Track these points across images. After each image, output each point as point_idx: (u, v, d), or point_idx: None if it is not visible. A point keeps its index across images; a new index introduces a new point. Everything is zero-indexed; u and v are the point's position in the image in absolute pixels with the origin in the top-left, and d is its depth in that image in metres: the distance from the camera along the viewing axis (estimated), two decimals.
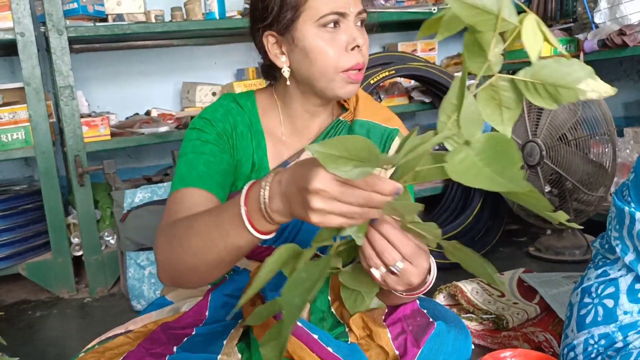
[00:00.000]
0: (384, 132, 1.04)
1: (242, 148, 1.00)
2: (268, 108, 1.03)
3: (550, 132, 1.97)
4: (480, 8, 0.52)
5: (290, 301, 0.64)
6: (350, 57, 0.91)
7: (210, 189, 0.91)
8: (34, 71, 1.89)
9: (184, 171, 0.93)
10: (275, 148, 1.02)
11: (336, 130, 1.04)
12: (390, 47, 2.86)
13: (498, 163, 0.55)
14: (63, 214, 1.99)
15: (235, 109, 1.00)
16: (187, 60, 2.64)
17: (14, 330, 1.76)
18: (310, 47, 0.91)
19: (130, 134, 2.09)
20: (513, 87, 0.58)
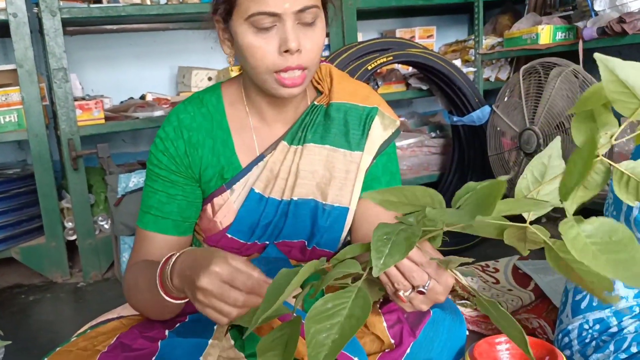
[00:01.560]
0: (363, 112, 0.99)
1: (201, 158, 0.96)
2: (235, 100, 0.99)
3: (547, 120, 1.96)
4: (629, 89, 0.48)
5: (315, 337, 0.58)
6: (282, 60, 0.84)
7: (166, 231, 0.96)
8: (27, 53, 1.86)
9: (143, 207, 0.99)
10: (245, 142, 0.98)
11: (312, 116, 0.98)
12: (388, 34, 2.84)
13: (614, 254, 0.52)
14: (56, 198, 1.97)
15: (187, 118, 0.96)
16: (182, 44, 2.61)
17: (7, 314, 1.75)
18: (242, 45, 0.85)
19: (124, 118, 2.07)
20: (604, 171, 0.55)
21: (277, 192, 0.98)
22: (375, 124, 0.99)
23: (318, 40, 0.87)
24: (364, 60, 2.15)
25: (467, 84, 2.33)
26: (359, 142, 0.99)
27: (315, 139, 0.98)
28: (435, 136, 2.61)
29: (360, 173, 0.99)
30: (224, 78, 2.33)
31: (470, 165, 2.43)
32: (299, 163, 0.97)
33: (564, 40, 2.29)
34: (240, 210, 0.97)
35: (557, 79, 1.94)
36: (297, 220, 0.99)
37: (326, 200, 0.98)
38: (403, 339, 0.90)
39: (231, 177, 0.97)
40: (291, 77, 0.86)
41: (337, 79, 1.01)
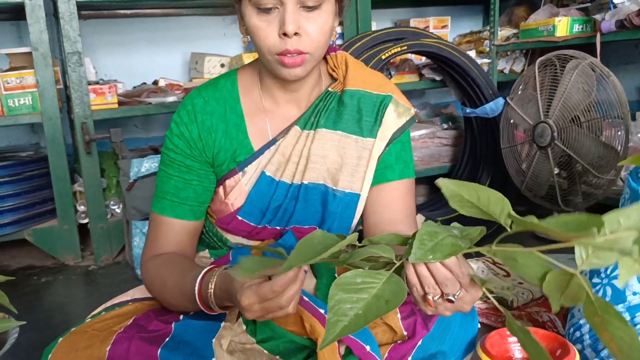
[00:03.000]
0: (376, 100, 0.99)
1: (215, 141, 0.98)
2: (249, 85, 1.00)
3: (562, 113, 1.94)
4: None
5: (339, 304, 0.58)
6: (281, 42, 0.85)
7: (184, 216, 0.98)
8: (42, 36, 1.86)
9: (158, 193, 1.00)
10: (258, 126, 0.99)
11: (325, 102, 0.99)
12: (402, 23, 2.81)
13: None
14: (69, 181, 1.99)
15: (201, 102, 0.97)
16: (195, 30, 2.61)
17: (20, 295, 1.77)
18: (248, 26, 0.88)
19: (137, 103, 2.07)
20: None
21: (287, 175, 0.98)
22: (389, 111, 0.99)
23: (321, 25, 0.87)
24: (377, 49, 2.13)
25: (481, 75, 2.31)
26: (371, 129, 0.99)
27: (327, 124, 0.98)
28: (448, 128, 2.60)
29: (372, 160, 0.99)
30: (236, 65, 2.32)
31: (482, 157, 2.41)
32: (310, 147, 0.98)
33: (581, 33, 2.26)
34: (251, 193, 0.98)
35: (574, 72, 1.91)
36: (307, 205, 1.00)
37: (337, 186, 0.99)
38: (416, 331, 0.90)
39: (243, 160, 0.98)
40: (291, 57, 0.87)
41: (352, 67, 1.01)
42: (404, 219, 1.00)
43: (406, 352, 0.89)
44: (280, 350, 0.88)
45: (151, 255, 0.98)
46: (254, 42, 0.89)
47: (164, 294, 0.94)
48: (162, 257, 0.96)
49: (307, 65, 0.89)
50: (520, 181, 2.14)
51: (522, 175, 2.13)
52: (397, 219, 0.99)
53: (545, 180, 2.05)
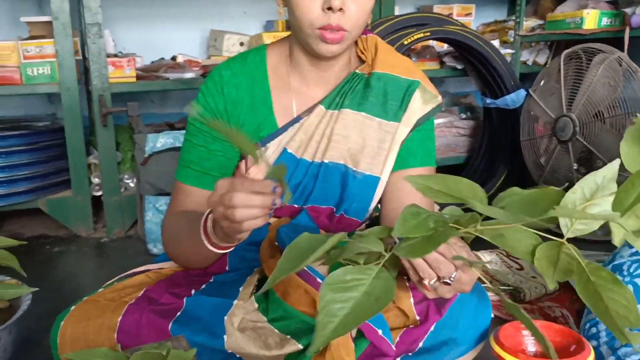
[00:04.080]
0: (404, 84, 0.99)
1: (239, 115, 0.98)
2: (278, 61, 1.00)
3: (586, 107, 1.90)
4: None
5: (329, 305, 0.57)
6: (324, 16, 0.86)
7: (208, 186, 0.97)
8: (63, 5, 1.85)
9: (183, 161, 0.99)
10: (283, 102, 0.99)
11: (352, 83, 0.99)
12: (425, 9, 2.76)
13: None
14: (84, 153, 1.99)
15: (228, 74, 0.97)
16: (216, 7, 2.58)
17: (32, 263, 1.79)
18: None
19: (155, 78, 2.06)
20: None
21: (309, 153, 0.98)
22: (415, 96, 0.98)
23: (364, 5, 0.88)
24: (400, 34, 2.10)
25: (504, 65, 2.27)
26: (396, 113, 0.98)
27: (352, 105, 0.98)
28: (466, 117, 2.56)
29: (394, 144, 0.98)
30: (256, 44, 2.30)
31: (499, 149, 2.38)
32: (333, 127, 0.98)
33: (609, 27, 2.20)
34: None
35: (600, 66, 1.87)
36: (326, 184, 0.99)
37: (357, 167, 0.98)
38: (429, 316, 0.89)
39: (267, 135, 0.98)
40: (331, 33, 0.87)
41: (381, 51, 1.01)
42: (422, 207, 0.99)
43: (418, 337, 0.88)
44: (291, 330, 0.88)
45: (169, 215, 1.00)
46: (295, 14, 0.88)
47: (179, 245, 0.94)
48: (180, 211, 0.98)
49: (344, 44, 0.90)
50: (538, 175, 2.11)
51: (541, 169, 2.10)
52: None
53: (564, 175, 2.01)
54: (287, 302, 0.86)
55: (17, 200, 1.94)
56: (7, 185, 1.92)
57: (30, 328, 1.21)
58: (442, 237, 0.59)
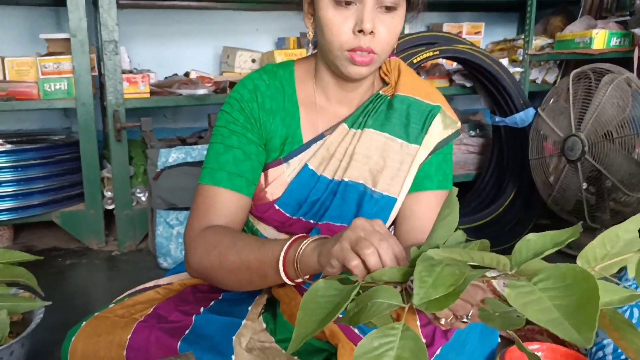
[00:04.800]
0: (425, 108, 1.00)
1: (271, 124, 0.99)
2: (305, 77, 1.02)
3: (595, 127, 1.91)
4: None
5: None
6: (354, 39, 0.87)
7: (240, 190, 0.94)
8: (81, 23, 1.90)
9: (214, 165, 0.95)
10: (310, 118, 1.01)
11: (375, 104, 1.00)
12: (435, 27, 2.79)
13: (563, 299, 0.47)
14: (98, 167, 2.03)
15: (263, 85, 0.98)
16: (228, 24, 2.63)
17: (44, 275, 1.82)
18: (322, 19, 0.88)
19: (168, 94, 2.10)
20: None
21: (329, 171, 0.99)
22: (436, 121, 1.00)
23: (394, 29, 0.89)
24: (410, 52, 2.12)
25: (513, 84, 2.28)
26: (417, 136, 0.99)
27: (375, 125, 0.99)
28: (475, 135, 2.57)
29: (413, 166, 0.99)
30: (268, 61, 2.33)
31: (508, 167, 2.38)
32: (355, 146, 0.98)
33: (618, 47, 2.21)
34: (292, 183, 0.99)
35: (609, 86, 1.88)
36: (343, 202, 1.00)
37: (375, 187, 0.99)
38: (435, 339, 0.89)
39: (290, 151, 0.99)
40: (361, 55, 0.88)
41: (404, 73, 1.02)
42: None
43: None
44: (299, 351, 0.88)
45: (204, 225, 0.94)
46: (325, 36, 0.89)
47: (228, 257, 0.86)
48: (224, 226, 0.93)
49: (373, 66, 0.91)
50: (547, 194, 2.11)
51: (550, 188, 2.10)
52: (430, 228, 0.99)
53: (573, 194, 2.01)
54: (294, 324, 0.87)
55: (32, 213, 1.98)
56: (22, 198, 1.96)
57: (42, 341, 1.23)
58: (462, 288, 0.58)
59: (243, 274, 0.87)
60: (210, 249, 0.89)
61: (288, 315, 0.89)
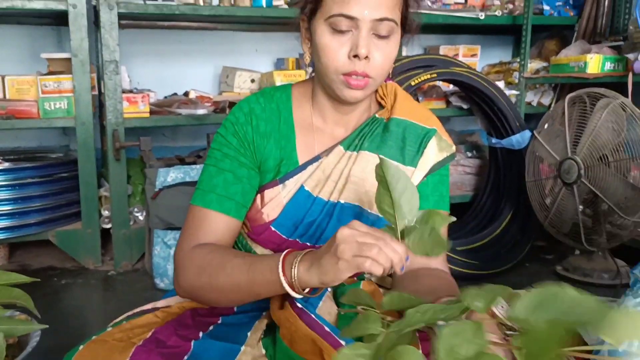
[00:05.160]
0: (421, 131, 1.02)
1: (265, 147, 1.00)
2: (302, 100, 1.03)
3: (590, 151, 1.93)
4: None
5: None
6: (350, 64, 0.89)
7: (229, 212, 0.96)
8: (82, 43, 1.92)
9: (205, 187, 0.97)
10: (306, 140, 1.02)
11: (371, 127, 1.02)
12: (432, 50, 2.83)
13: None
14: (96, 186, 2.03)
15: (258, 108, 1.00)
16: (228, 45, 2.65)
17: (39, 295, 1.80)
18: (318, 44, 0.91)
19: (168, 113, 2.11)
20: None
21: (325, 192, 1.00)
22: (431, 144, 1.01)
23: (388, 54, 0.91)
24: (407, 75, 2.15)
25: (509, 106, 2.31)
26: (413, 159, 1.01)
27: (371, 147, 1.01)
28: (472, 156, 2.59)
29: None
30: (267, 81, 2.35)
31: (505, 189, 2.40)
32: (351, 168, 1.00)
33: (612, 71, 2.25)
34: (288, 205, 0.99)
35: (604, 110, 1.90)
36: (340, 224, 1.00)
37: (372, 209, 1.00)
38: None
39: (286, 172, 1.00)
40: (356, 79, 0.90)
41: (400, 97, 1.04)
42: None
43: None
44: None
45: (194, 244, 0.95)
46: (322, 60, 0.91)
47: (218, 278, 0.89)
48: (213, 244, 0.94)
49: (368, 90, 0.93)
50: (544, 216, 2.12)
51: (546, 210, 2.11)
52: None
53: (569, 217, 2.02)
54: (294, 350, 0.87)
55: (28, 232, 1.97)
56: (19, 216, 1.95)
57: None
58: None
59: (235, 294, 0.89)
60: (200, 270, 0.90)
61: (288, 341, 0.89)
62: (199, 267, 0.91)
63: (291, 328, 0.94)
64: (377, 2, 0.87)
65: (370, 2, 0.87)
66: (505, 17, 2.56)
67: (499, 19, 2.55)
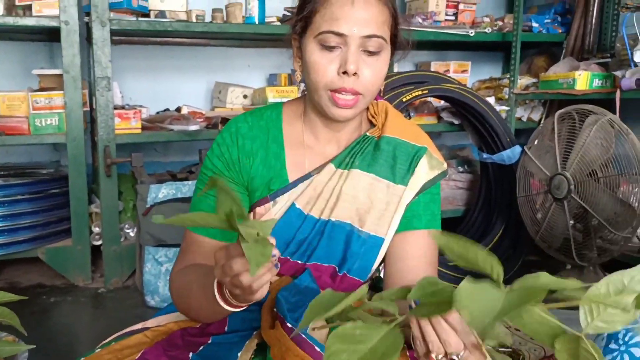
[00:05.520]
0: (412, 149, 1.02)
1: (251, 167, 1.00)
2: (293, 118, 1.04)
3: (580, 167, 1.95)
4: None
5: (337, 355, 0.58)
6: (339, 80, 0.90)
7: (215, 236, 0.97)
8: (74, 60, 1.92)
9: (193, 210, 0.99)
10: (296, 158, 1.02)
11: (362, 145, 1.02)
12: (423, 66, 2.85)
13: None
14: (87, 202, 2.01)
15: (245, 127, 1.00)
16: (221, 60, 2.67)
17: (27, 313, 1.78)
18: (308, 61, 0.92)
19: (160, 129, 2.11)
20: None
21: (316, 210, 1.00)
22: (422, 162, 1.01)
23: (377, 71, 0.92)
24: (398, 91, 2.16)
25: (500, 122, 2.33)
26: (403, 177, 1.01)
27: (362, 165, 1.01)
28: (463, 171, 2.60)
29: (400, 207, 1.00)
30: (259, 97, 2.36)
31: (496, 204, 2.41)
32: (342, 186, 1.00)
33: (600, 88, 2.28)
34: (279, 222, 0.99)
35: (593, 127, 1.92)
36: (331, 242, 1.00)
37: (363, 227, 1.00)
38: None
39: (277, 189, 1.00)
40: (344, 99, 0.90)
41: (391, 116, 1.05)
42: (426, 268, 1.00)
43: None
44: None
45: (179, 268, 0.99)
46: (311, 77, 0.92)
47: (189, 300, 0.93)
48: (190, 265, 0.97)
49: (358, 108, 0.93)
50: (535, 231, 2.13)
51: (537, 225, 2.12)
52: (419, 267, 0.99)
53: (560, 232, 2.03)
54: None
55: (17, 249, 1.95)
56: (8, 234, 1.93)
57: None
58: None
59: (206, 312, 0.91)
60: (179, 294, 0.96)
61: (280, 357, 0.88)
62: (177, 290, 0.96)
63: (282, 348, 0.93)
64: (366, 19, 0.88)
65: (359, 19, 0.88)
66: (495, 34, 2.60)
67: (489, 36, 2.58)
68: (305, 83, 0.98)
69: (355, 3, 0.88)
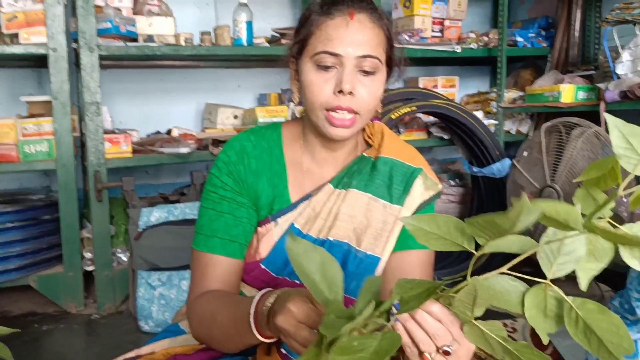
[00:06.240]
0: (408, 170, 1.04)
1: (257, 185, 1.00)
2: (292, 139, 1.05)
3: (568, 178, 1.97)
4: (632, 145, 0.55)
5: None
6: (335, 99, 0.91)
7: (234, 255, 0.97)
8: (63, 86, 1.92)
9: (207, 232, 0.98)
10: (297, 179, 1.03)
11: (360, 165, 1.04)
12: (411, 82, 2.88)
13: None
14: (78, 228, 2.00)
15: (249, 146, 1.01)
16: (211, 82, 2.68)
17: (19, 343, 1.75)
18: (304, 81, 0.93)
19: (150, 152, 2.11)
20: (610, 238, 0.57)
21: (315, 230, 1.00)
22: (417, 182, 1.03)
23: (373, 91, 0.94)
24: (387, 108, 2.18)
25: (488, 136, 2.35)
26: (400, 197, 1.02)
27: (359, 185, 1.02)
28: (455, 185, 2.62)
29: (396, 226, 1.01)
30: (249, 117, 2.37)
31: None
32: (340, 206, 1.01)
33: (585, 100, 2.32)
34: (278, 242, 1.00)
35: (579, 139, 1.95)
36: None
37: (360, 247, 1.00)
38: None
39: (278, 210, 1.00)
40: (341, 118, 0.92)
41: (387, 137, 1.07)
42: None
43: None
44: None
45: (198, 293, 0.97)
46: (307, 97, 0.94)
47: (212, 329, 0.90)
48: (212, 292, 0.95)
49: (354, 128, 0.95)
50: None
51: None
52: None
53: None
54: None
55: (8, 277, 1.93)
56: None
57: None
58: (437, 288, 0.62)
59: (230, 343, 0.89)
60: (199, 323, 0.93)
61: None
62: (199, 319, 0.93)
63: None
64: (361, 40, 0.90)
65: (354, 40, 0.90)
66: (481, 50, 2.64)
67: (475, 52, 2.62)
68: (303, 104, 0.99)
69: (350, 25, 0.91)
